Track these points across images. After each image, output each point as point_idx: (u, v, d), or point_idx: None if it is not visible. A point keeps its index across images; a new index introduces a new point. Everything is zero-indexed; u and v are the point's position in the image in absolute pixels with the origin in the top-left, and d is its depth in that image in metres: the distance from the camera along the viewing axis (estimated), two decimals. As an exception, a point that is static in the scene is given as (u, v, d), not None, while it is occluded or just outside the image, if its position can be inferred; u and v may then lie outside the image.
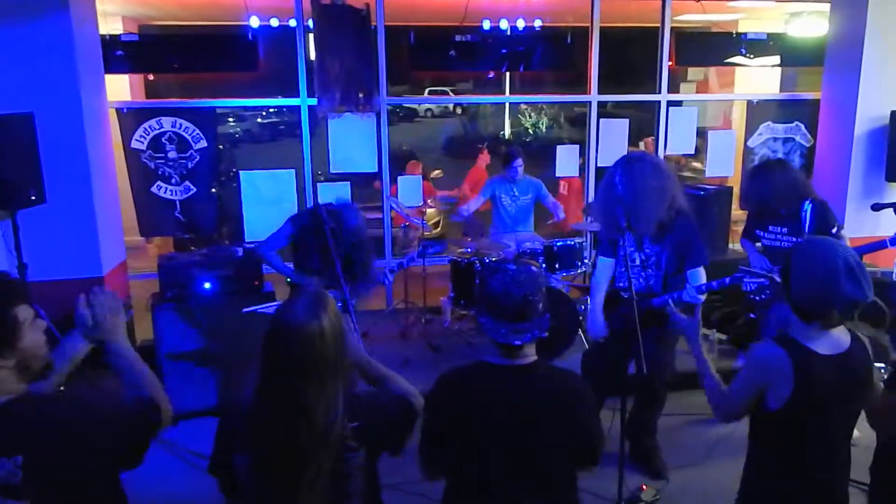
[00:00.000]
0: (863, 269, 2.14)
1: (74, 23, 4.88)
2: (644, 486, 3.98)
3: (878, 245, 3.97)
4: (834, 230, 4.14)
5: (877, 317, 2.56)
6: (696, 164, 9.54)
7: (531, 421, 2.04)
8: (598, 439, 2.17)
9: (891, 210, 4.02)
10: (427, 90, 21.48)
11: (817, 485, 2.30)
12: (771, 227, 4.52)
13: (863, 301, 2.13)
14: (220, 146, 7.37)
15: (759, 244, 4.65)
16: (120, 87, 7.55)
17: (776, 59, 7.26)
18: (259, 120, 19.61)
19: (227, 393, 4.80)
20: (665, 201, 3.73)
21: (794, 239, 4.28)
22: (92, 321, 1.95)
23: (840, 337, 2.24)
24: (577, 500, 2.26)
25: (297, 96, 6.16)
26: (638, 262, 3.93)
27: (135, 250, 7.21)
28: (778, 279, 3.03)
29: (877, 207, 4.05)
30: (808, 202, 4.29)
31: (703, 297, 3.75)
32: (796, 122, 6.94)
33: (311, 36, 6.02)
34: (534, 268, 2.15)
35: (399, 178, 6.72)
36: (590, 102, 6.76)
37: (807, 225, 4.19)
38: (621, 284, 3.98)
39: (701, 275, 3.88)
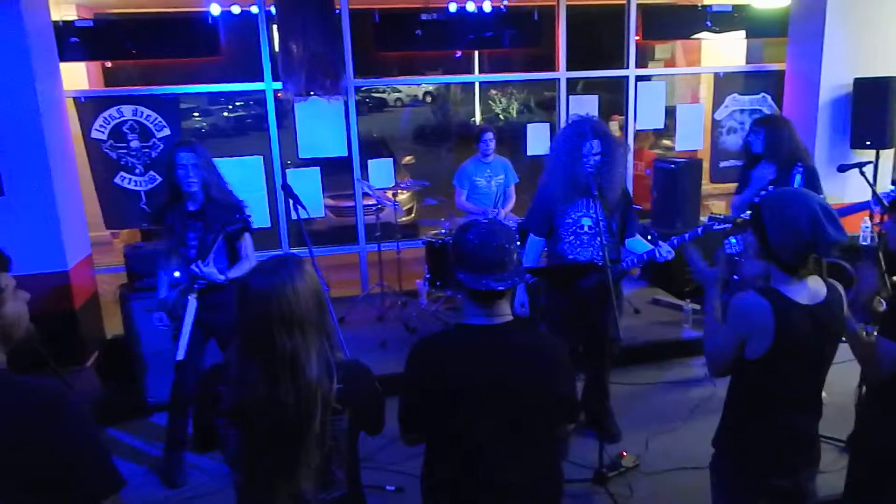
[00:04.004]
0: (832, 211, 2.16)
1: (25, 8, 4.73)
2: (624, 453, 4.03)
3: (862, 206, 3.98)
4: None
5: (841, 279, 2.60)
6: (667, 142, 9.61)
7: (511, 378, 2.03)
8: (574, 394, 2.19)
9: (856, 172, 4.03)
10: (395, 80, 21.47)
11: (792, 432, 2.32)
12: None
13: (844, 241, 2.15)
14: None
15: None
16: (76, 76, 7.37)
17: (741, 32, 7.29)
18: (225, 114, 19.37)
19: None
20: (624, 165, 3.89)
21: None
22: None
23: (817, 287, 2.26)
24: (560, 465, 2.26)
25: (262, 81, 6.06)
26: (586, 229, 3.91)
27: (101, 245, 7.08)
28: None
29: (842, 168, 4.09)
30: (800, 166, 4.30)
31: (673, 254, 3.83)
32: (762, 94, 6.99)
33: (274, 24, 5.91)
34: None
35: (369, 161, 6.63)
36: (558, 79, 6.75)
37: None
38: (572, 257, 3.94)
39: (642, 241, 3.99)
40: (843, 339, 2.38)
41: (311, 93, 5.96)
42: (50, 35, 5.25)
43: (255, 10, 5.99)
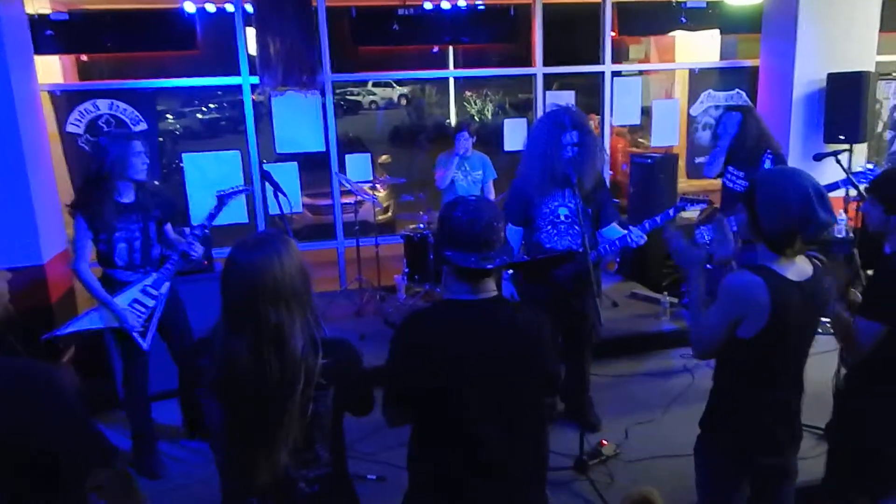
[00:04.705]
0: (826, 193, 2.17)
1: (-2, 0, 4.68)
2: (604, 442, 4.05)
3: (832, 187, 4.01)
4: None
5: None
6: (642, 141, 9.75)
7: (497, 352, 2.03)
8: (557, 368, 2.20)
9: (832, 161, 4.10)
10: (371, 83, 21.51)
11: (783, 408, 2.34)
12: (730, 169, 4.64)
13: (832, 225, 2.18)
14: (161, 139, 7.18)
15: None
16: (51, 70, 7.26)
17: (715, 28, 7.41)
18: (199, 116, 19.20)
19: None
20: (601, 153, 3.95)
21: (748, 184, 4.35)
22: None
23: (804, 265, 2.27)
24: (545, 441, 2.26)
25: (239, 75, 6.03)
26: (562, 218, 3.93)
27: (76, 242, 6.98)
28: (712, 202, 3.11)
29: (818, 157, 4.17)
30: (769, 153, 4.41)
31: (645, 238, 3.88)
32: (737, 90, 7.09)
33: (250, 26, 5.89)
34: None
35: (347, 156, 6.61)
36: (535, 75, 6.79)
37: None
38: (550, 247, 3.97)
39: (618, 230, 4.02)
40: (823, 325, 2.41)
41: (288, 87, 5.94)
42: (24, 28, 5.19)
43: (230, 8, 5.98)
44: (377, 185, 6.10)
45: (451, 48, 12.82)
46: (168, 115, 17.95)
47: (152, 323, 3.81)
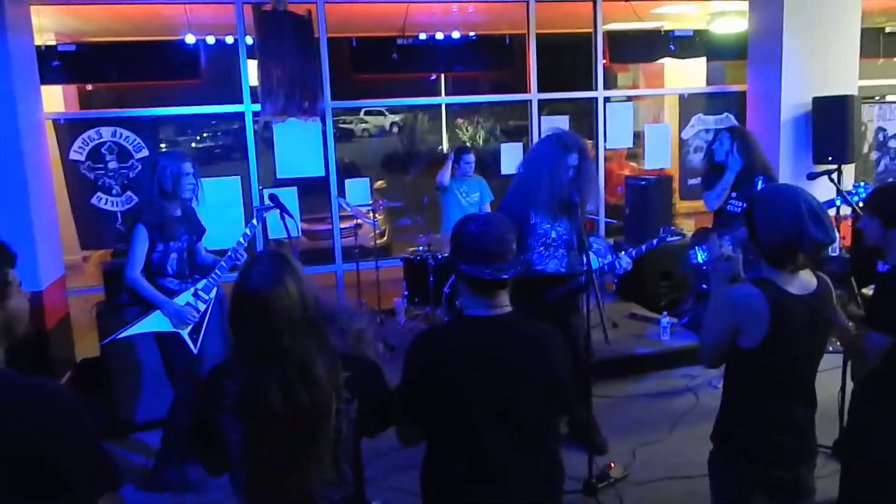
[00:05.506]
0: (824, 210, 2.21)
1: (9, 31, 4.77)
2: (612, 464, 4.02)
3: (828, 204, 4.05)
4: None
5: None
6: (633, 164, 9.91)
7: (511, 368, 2.05)
8: (570, 385, 2.21)
9: (825, 180, 4.17)
10: (363, 112, 21.66)
11: (789, 421, 2.35)
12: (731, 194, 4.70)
13: (829, 242, 2.20)
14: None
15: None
16: (53, 99, 7.32)
17: (702, 55, 7.59)
18: (194, 145, 19.25)
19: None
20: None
21: (743, 205, 4.41)
22: None
23: (808, 279, 2.31)
24: (559, 457, 2.27)
25: (241, 103, 6.11)
26: (552, 240, 4.00)
27: (72, 269, 6.99)
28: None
29: (811, 176, 4.23)
30: (761, 177, 4.54)
31: (631, 265, 4.04)
32: (726, 113, 7.25)
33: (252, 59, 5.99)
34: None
35: (346, 181, 6.69)
36: (530, 101, 6.91)
37: None
38: (541, 268, 4.01)
39: (594, 256, 4.09)
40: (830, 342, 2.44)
41: (288, 114, 6.02)
42: (32, 58, 5.29)
43: (230, 40, 6.07)
44: (375, 210, 6.18)
45: (443, 78, 13.01)
46: (163, 143, 17.96)
47: (202, 326, 3.98)
